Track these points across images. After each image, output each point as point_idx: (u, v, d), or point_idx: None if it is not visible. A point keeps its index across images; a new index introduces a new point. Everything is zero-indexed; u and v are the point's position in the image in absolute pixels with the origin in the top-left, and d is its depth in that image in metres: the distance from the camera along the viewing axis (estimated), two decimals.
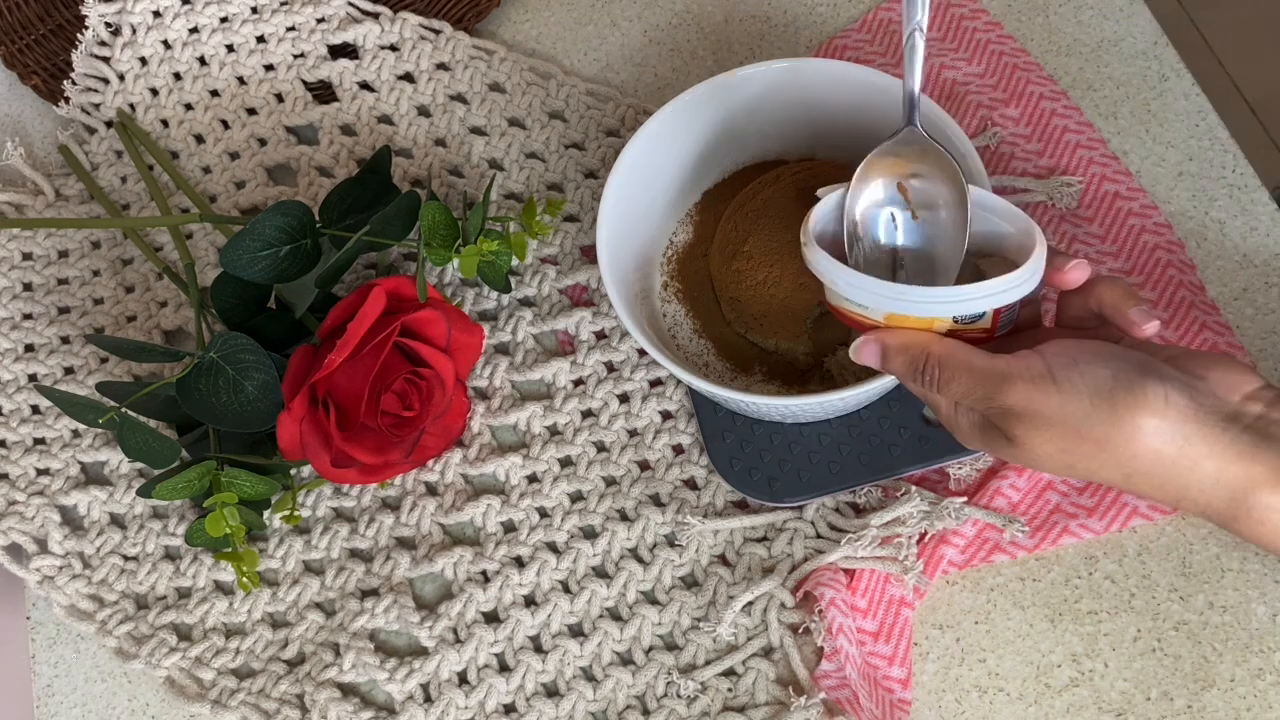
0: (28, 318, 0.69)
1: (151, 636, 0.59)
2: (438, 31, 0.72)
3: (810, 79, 0.57)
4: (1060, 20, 0.66)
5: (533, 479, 0.60)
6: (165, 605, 0.60)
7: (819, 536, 0.56)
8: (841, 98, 0.56)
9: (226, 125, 0.73)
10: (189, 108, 0.73)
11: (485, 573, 0.58)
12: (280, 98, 0.72)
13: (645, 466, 0.60)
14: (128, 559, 0.62)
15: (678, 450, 0.60)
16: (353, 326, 0.54)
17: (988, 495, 0.55)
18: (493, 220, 0.63)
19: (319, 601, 0.59)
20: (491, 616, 0.58)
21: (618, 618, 0.57)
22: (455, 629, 0.57)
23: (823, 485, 0.56)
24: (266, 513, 0.61)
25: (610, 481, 0.59)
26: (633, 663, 0.56)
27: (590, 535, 0.58)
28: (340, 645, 0.58)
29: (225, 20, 0.74)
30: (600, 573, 0.58)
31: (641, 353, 0.62)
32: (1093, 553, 0.54)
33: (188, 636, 0.60)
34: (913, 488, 0.55)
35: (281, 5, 0.74)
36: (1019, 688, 0.52)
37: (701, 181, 0.62)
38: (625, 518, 0.58)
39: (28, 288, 0.70)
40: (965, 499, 0.54)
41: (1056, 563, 0.54)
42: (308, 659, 0.58)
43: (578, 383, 0.62)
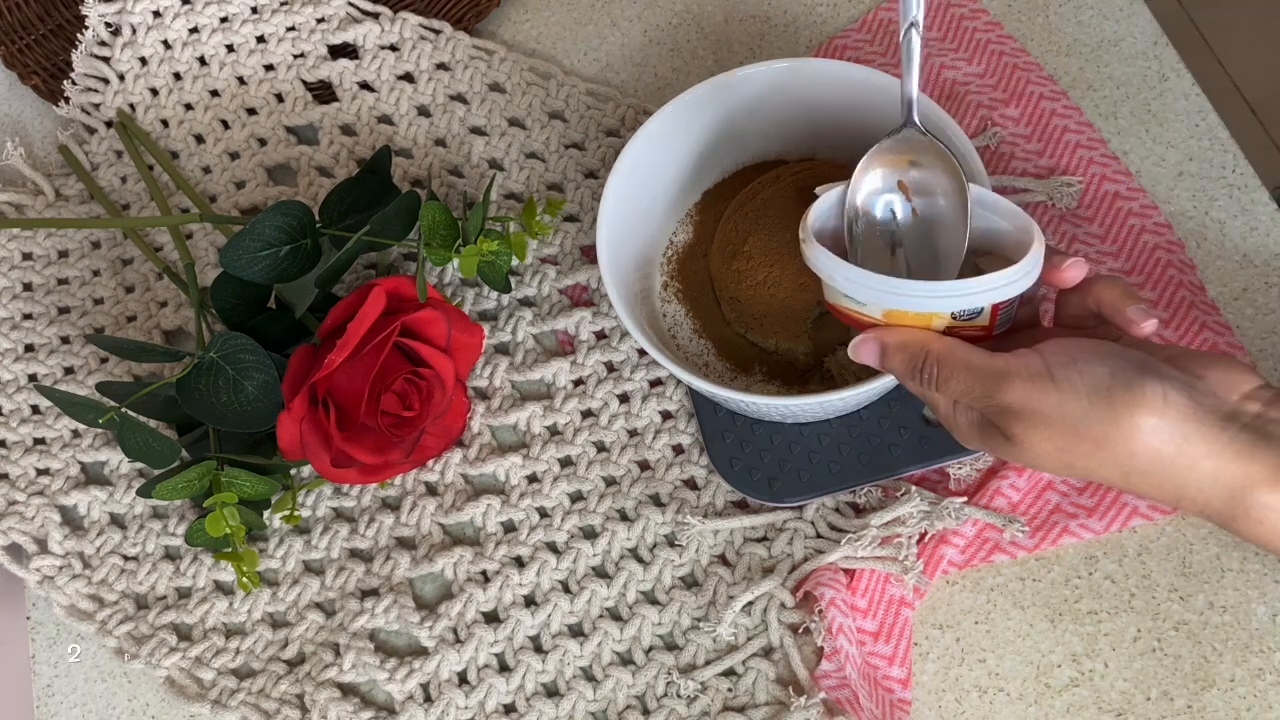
0: (28, 318, 0.69)
1: (151, 636, 0.59)
2: (438, 31, 0.72)
3: (810, 79, 0.57)
4: (1060, 20, 0.66)
5: (533, 479, 0.60)
6: (165, 605, 0.60)
7: (819, 536, 0.56)
8: (841, 98, 0.56)
9: (226, 125, 0.73)
10: (189, 108, 0.73)
11: (485, 573, 0.58)
12: (280, 98, 0.72)
13: (645, 466, 0.59)
14: (128, 559, 0.62)
15: (678, 450, 0.60)
16: (353, 326, 0.54)
17: (988, 495, 0.55)
18: (493, 220, 0.63)
19: (319, 601, 0.59)
20: (491, 616, 0.58)
21: (618, 618, 0.57)
22: (455, 629, 0.57)
23: (823, 485, 0.56)
24: (266, 513, 0.61)
25: (610, 481, 0.59)
26: (633, 663, 0.56)
27: (590, 535, 0.58)
28: (340, 645, 0.58)
29: (225, 20, 0.74)
30: (600, 573, 0.58)
31: (641, 353, 0.62)
32: (1093, 553, 0.54)
33: (188, 636, 0.60)
34: (913, 488, 0.55)
35: (281, 5, 0.74)
36: (1019, 688, 0.52)
37: (701, 181, 0.62)
38: (625, 518, 0.58)
39: (28, 288, 0.70)
40: (965, 499, 0.54)
41: (1056, 563, 0.54)
42: (308, 659, 0.58)
43: (578, 383, 0.62)
